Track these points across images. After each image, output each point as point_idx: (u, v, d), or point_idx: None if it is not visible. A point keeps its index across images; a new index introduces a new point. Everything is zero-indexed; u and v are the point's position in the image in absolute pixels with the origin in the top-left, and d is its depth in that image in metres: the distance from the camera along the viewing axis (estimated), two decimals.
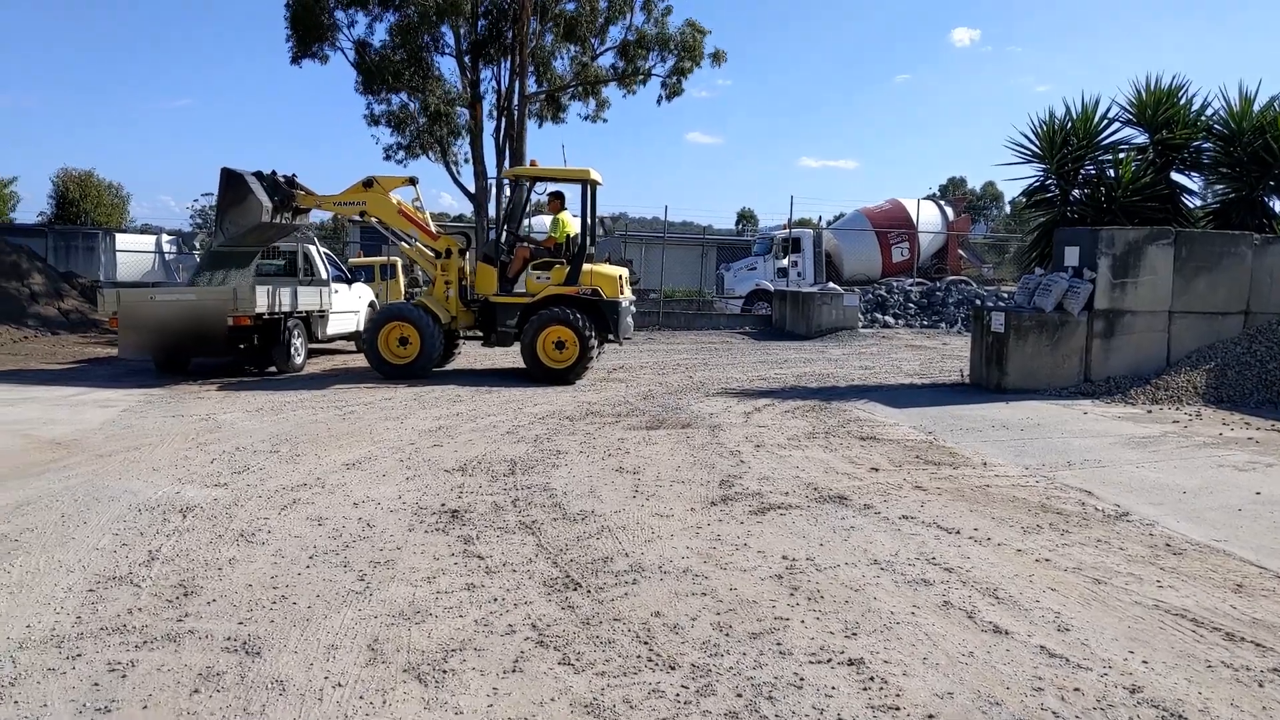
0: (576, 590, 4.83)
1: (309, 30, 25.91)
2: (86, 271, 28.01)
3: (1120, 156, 13.79)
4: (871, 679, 3.84)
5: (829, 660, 4.02)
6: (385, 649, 4.09)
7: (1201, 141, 13.80)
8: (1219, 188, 14.10)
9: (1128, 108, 13.95)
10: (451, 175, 29.47)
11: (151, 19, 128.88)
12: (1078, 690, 3.77)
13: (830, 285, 25.86)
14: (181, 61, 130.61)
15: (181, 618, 4.40)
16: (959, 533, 5.95)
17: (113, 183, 45.11)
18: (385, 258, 21.40)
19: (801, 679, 3.84)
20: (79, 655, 3.98)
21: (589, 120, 29.34)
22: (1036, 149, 14.26)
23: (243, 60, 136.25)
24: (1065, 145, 13.93)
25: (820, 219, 38.06)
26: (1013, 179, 79.29)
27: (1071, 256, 12.41)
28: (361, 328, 16.98)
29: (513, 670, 3.90)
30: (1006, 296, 22.22)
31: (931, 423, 10.02)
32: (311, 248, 17.13)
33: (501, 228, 14.78)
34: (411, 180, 14.41)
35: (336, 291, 16.36)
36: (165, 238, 34.69)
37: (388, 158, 28.64)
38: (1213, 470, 7.82)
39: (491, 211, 26.30)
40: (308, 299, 14.83)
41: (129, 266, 30.58)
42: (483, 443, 8.79)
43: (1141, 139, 14.02)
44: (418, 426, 9.62)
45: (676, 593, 4.81)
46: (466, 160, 28.68)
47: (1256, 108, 13.15)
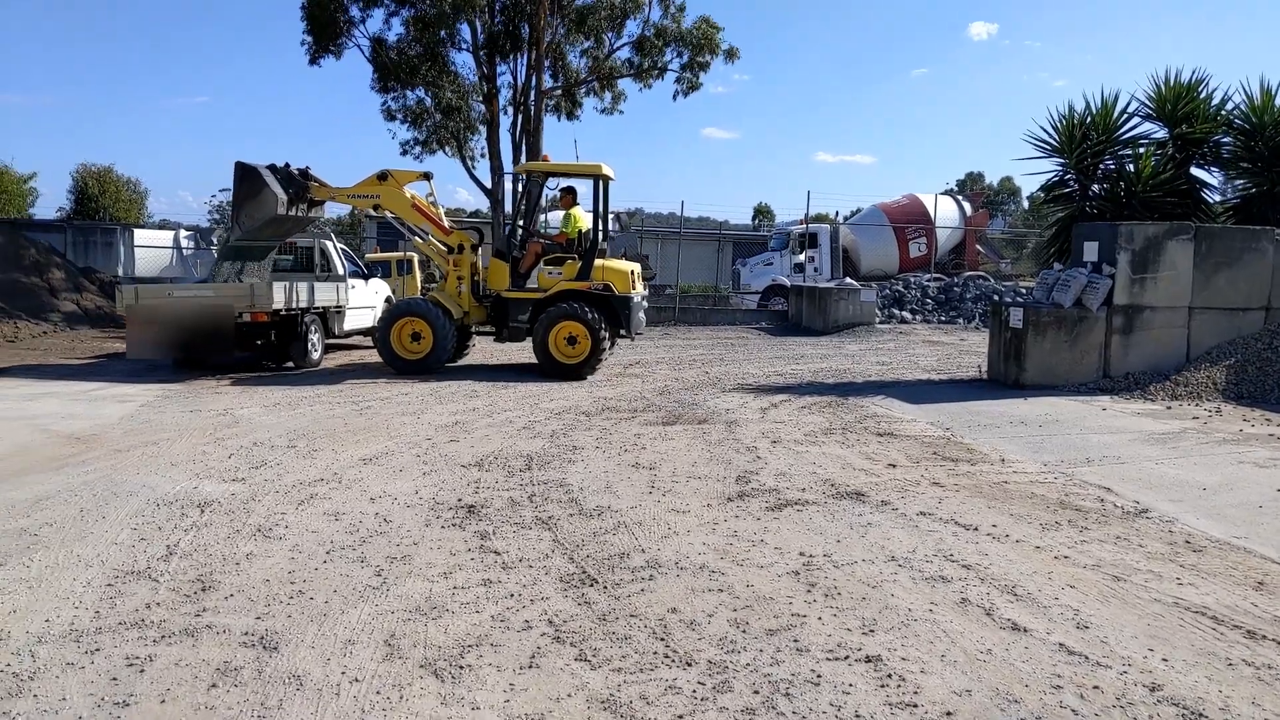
0: (593, 586, 4.82)
1: (325, 27, 26.00)
2: (105, 267, 28.18)
3: (1140, 151, 13.70)
4: (889, 676, 3.83)
5: (846, 657, 4.00)
6: (402, 644, 4.09)
7: (1222, 136, 13.70)
8: (1239, 182, 13.99)
9: (1147, 102, 13.86)
10: (468, 170, 29.59)
11: (169, 16, 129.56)
12: (1097, 688, 3.74)
13: (847, 281, 25.76)
14: (199, 58, 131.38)
15: (199, 612, 4.42)
16: (977, 529, 5.92)
17: (131, 178, 45.46)
18: (402, 253, 21.43)
19: (819, 676, 3.82)
20: (97, 649, 4.00)
21: (605, 113, 29.42)
22: (1055, 144, 14.18)
23: (259, 57, 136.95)
24: (1084, 140, 13.84)
25: (837, 214, 37.88)
26: (1031, 174, 78.89)
27: (1090, 252, 12.33)
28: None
29: (529, 666, 3.90)
30: (1025, 292, 22.08)
31: (949, 419, 9.98)
32: (329, 244, 17.18)
33: (514, 223, 14.80)
34: (426, 175, 14.43)
35: (353, 287, 16.41)
36: (183, 233, 34.89)
37: (404, 153, 28.78)
38: (1233, 467, 7.76)
39: (508, 207, 26.35)
40: (325, 295, 14.88)
41: (147, 262, 30.76)
42: (499, 438, 8.79)
43: (1161, 134, 13.92)
44: (434, 422, 9.63)
45: (693, 589, 4.80)
46: (483, 155, 28.77)
47: (1278, 102, 13.03)
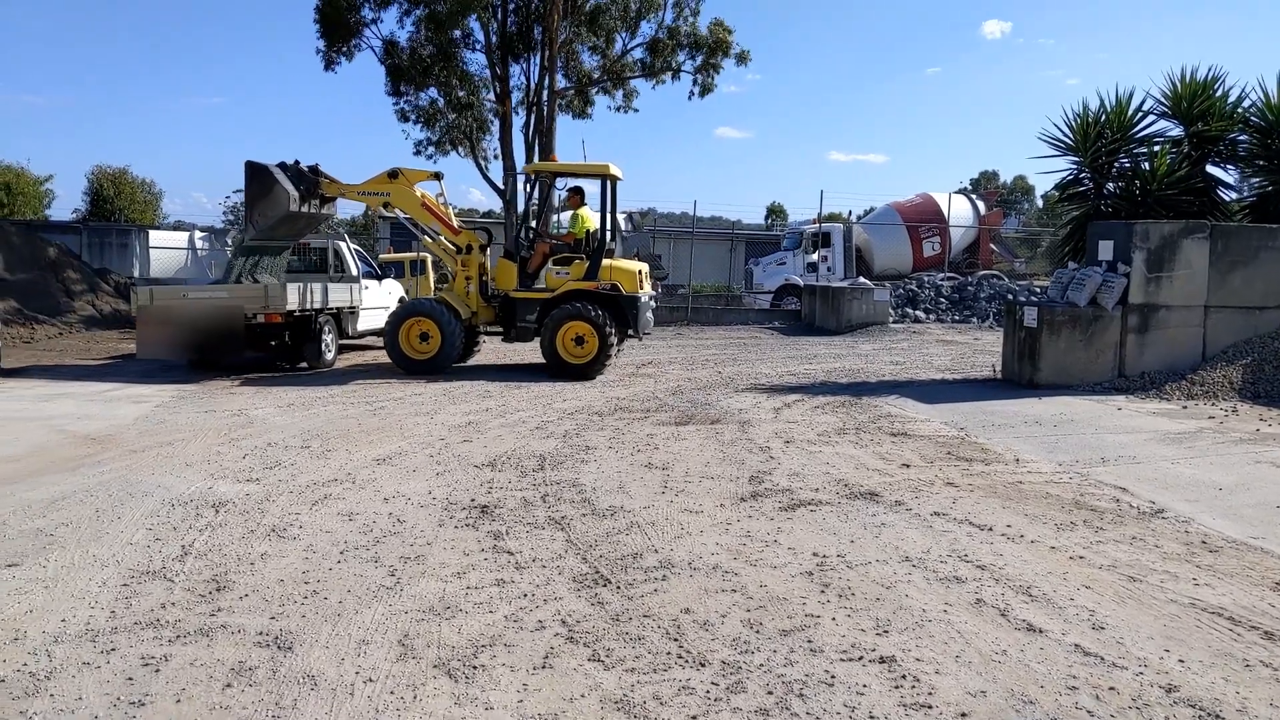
0: (606, 586, 4.82)
1: (337, 28, 26.10)
2: (120, 268, 28.29)
3: (1155, 149, 13.61)
4: (903, 677, 3.81)
5: (860, 658, 3.99)
6: (416, 644, 4.10)
7: (1238, 134, 13.60)
8: (1256, 180, 13.89)
9: (1162, 100, 13.76)
10: (481, 171, 29.64)
11: (184, 18, 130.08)
12: (1113, 689, 3.73)
13: (860, 280, 25.67)
14: (213, 60, 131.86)
15: (214, 612, 4.43)
16: (991, 530, 5.89)
17: (146, 180, 45.55)
18: (415, 254, 21.46)
19: (833, 677, 3.81)
20: (113, 649, 4.02)
21: (619, 111, 29.46)
22: (1070, 142, 14.10)
23: (273, 58, 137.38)
24: (1099, 138, 13.77)
25: (850, 213, 37.83)
26: (1046, 172, 78.36)
27: (1105, 250, 12.27)
28: None
29: (543, 666, 3.90)
30: (1039, 291, 21.99)
31: (963, 418, 9.95)
32: (342, 244, 17.24)
33: (522, 223, 14.81)
34: (437, 175, 14.47)
35: (367, 288, 16.45)
36: (198, 234, 35.00)
37: (418, 153, 28.90)
38: (1250, 466, 7.71)
39: (521, 207, 26.42)
40: (338, 295, 14.93)
41: (162, 263, 30.88)
42: (512, 438, 8.80)
43: (1176, 131, 13.83)
44: (447, 422, 9.65)
45: (706, 589, 4.80)
46: (496, 156, 28.83)
47: None
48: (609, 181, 14.02)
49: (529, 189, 15.47)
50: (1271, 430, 9.19)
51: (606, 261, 13.67)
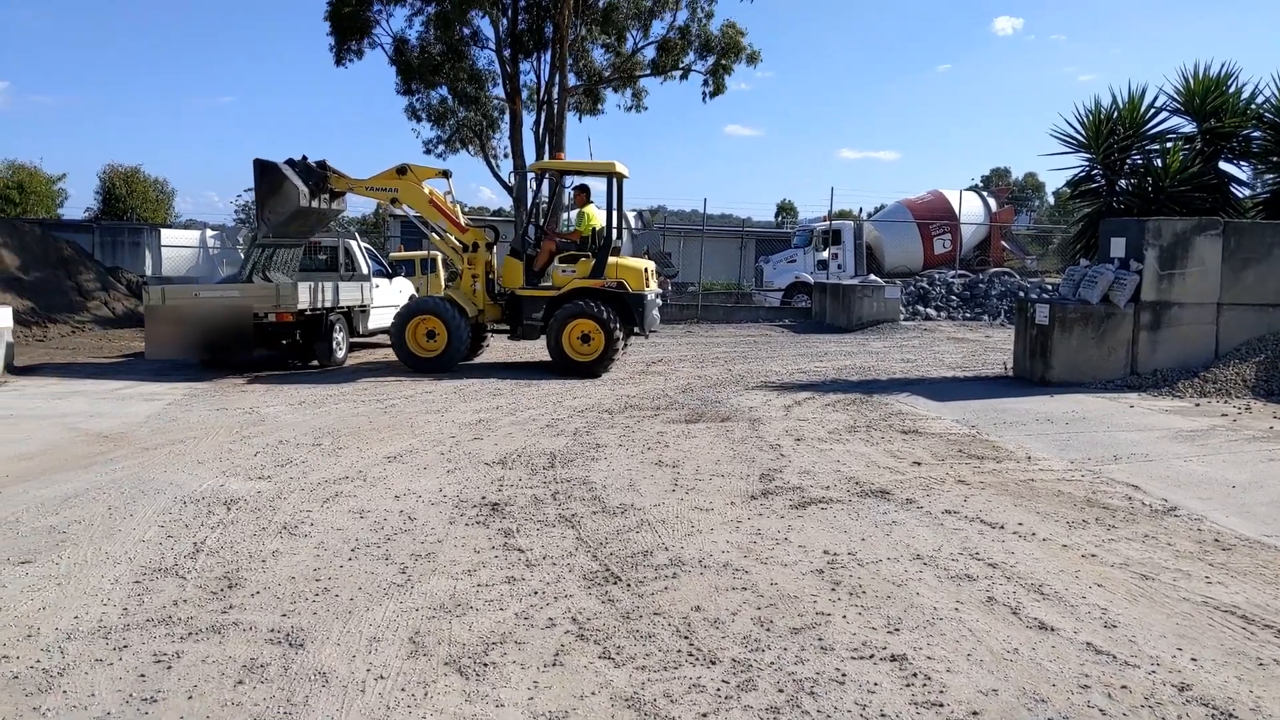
0: (616, 584, 4.82)
1: (348, 27, 26.13)
2: (132, 267, 28.43)
3: (1168, 146, 13.56)
4: (914, 675, 3.81)
5: (871, 656, 3.99)
6: (426, 641, 4.11)
7: (1251, 130, 13.53)
8: (1269, 177, 13.84)
9: (1175, 96, 13.71)
10: (491, 169, 29.69)
11: (194, 17, 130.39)
12: (1125, 688, 3.71)
13: (871, 277, 25.65)
14: (222, 59, 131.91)
15: (226, 609, 4.45)
16: (1003, 528, 5.88)
17: (158, 178, 45.73)
18: (426, 252, 21.51)
19: (843, 675, 3.81)
20: (125, 646, 4.03)
21: (630, 110, 29.46)
22: (1082, 139, 14.04)
23: (283, 57, 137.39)
24: (1111, 135, 13.71)
25: (861, 211, 37.72)
26: (1057, 169, 77.99)
27: (1118, 247, 12.22)
28: None
29: (553, 664, 3.91)
30: (1051, 288, 21.92)
31: (974, 416, 9.92)
32: (353, 243, 17.28)
33: (527, 221, 14.82)
34: (445, 173, 14.50)
35: (377, 286, 16.49)
36: (209, 233, 35.13)
37: (428, 151, 28.95)
38: (1263, 464, 7.67)
39: (528, 205, 26.46)
40: (349, 294, 14.97)
41: (174, 262, 31.01)
42: (522, 436, 8.81)
43: (1189, 128, 13.78)
44: (458, 420, 9.66)
45: (717, 587, 4.79)
46: (506, 154, 28.86)
47: None
48: (615, 179, 14.03)
49: (535, 187, 15.53)
50: None
51: (612, 259, 13.69)
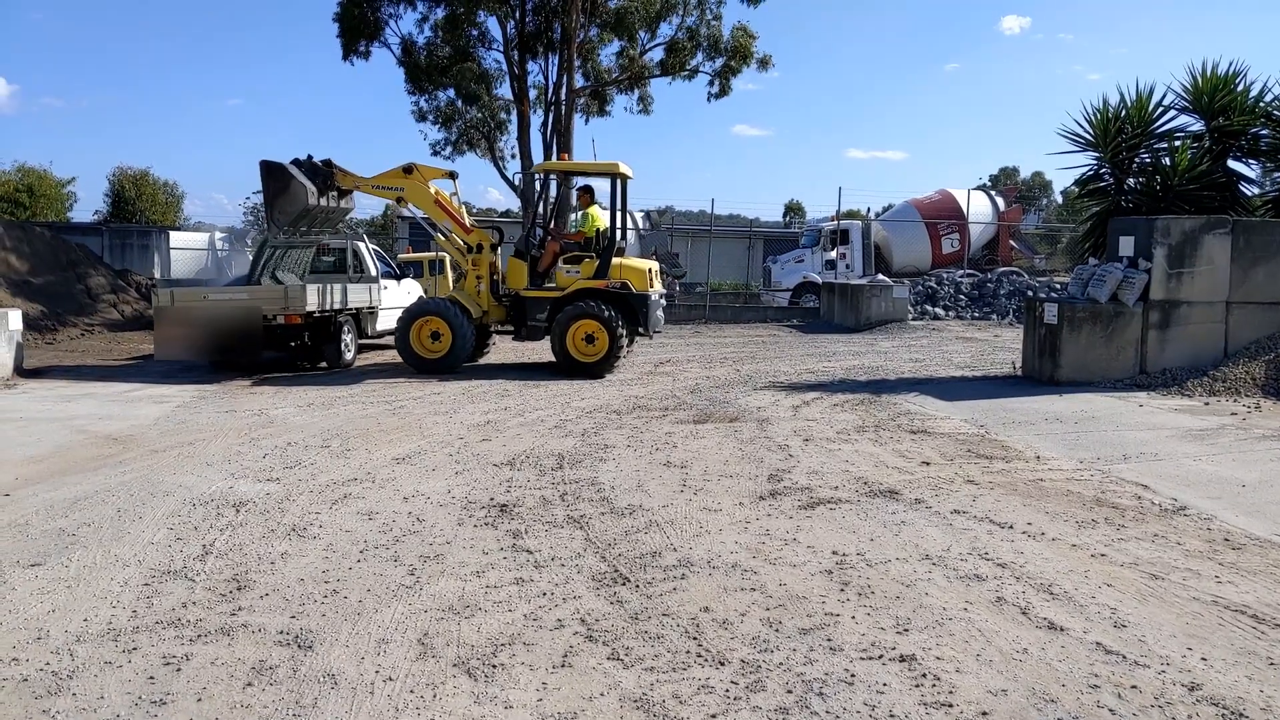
0: (625, 585, 4.82)
1: (356, 28, 26.17)
2: (142, 269, 28.51)
3: (1176, 144, 13.52)
4: (924, 676, 3.80)
5: (880, 657, 3.98)
6: (435, 643, 4.11)
7: (1260, 128, 13.48)
8: (1278, 175, 13.78)
9: (1183, 95, 13.67)
10: (499, 170, 29.75)
11: (201, 20, 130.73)
12: (1135, 688, 3.70)
13: (879, 277, 25.62)
14: (231, 62, 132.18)
15: (235, 611, 4.46)
16: (1012, 527, 5.86)
17: (168, 181, 45.79)
18: (434, 253, 21.52)
19: (853, 675, 3.80)
20: (135, 649, 4.04)
21: (637, 113, 29.45)
22: (1090, 137, 14.02)
23: (290, 60, 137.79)
24: (1120, 133, 13.67)
25: (869, 210, 37.72)
26: (1065, 168, 77.84)
27: (1126, 246, 12.19)
28: None
29: (562, 665, 3.91)
30: (1059, 287, 21.86)
31: (983, 416, 9.90)
32: (361, 245, 17.31)
33: (532, 222, 14.85)
34: (451, 174, 14.53)
35: (386, 288, 16.51)
36: (218, 235, 35.20)
37: (435, 153, 29.01)
38: (1273, 463, 7.64)
39: (542, 207, 26.47)
40: (357, 296, 15.00)
41: (183, 264, 31.08)
42: (530, 437, 8.81)
43: (1198, 126, 13.73)
44: (466, 421, 9.67)
45: (725, 588, 4.79)
46: (513, 155, 28.88)
47: None
48: (619, 180, 14.05)
49: (539, 188, 15.57)
50: None
51: (616, 260, 13.71)
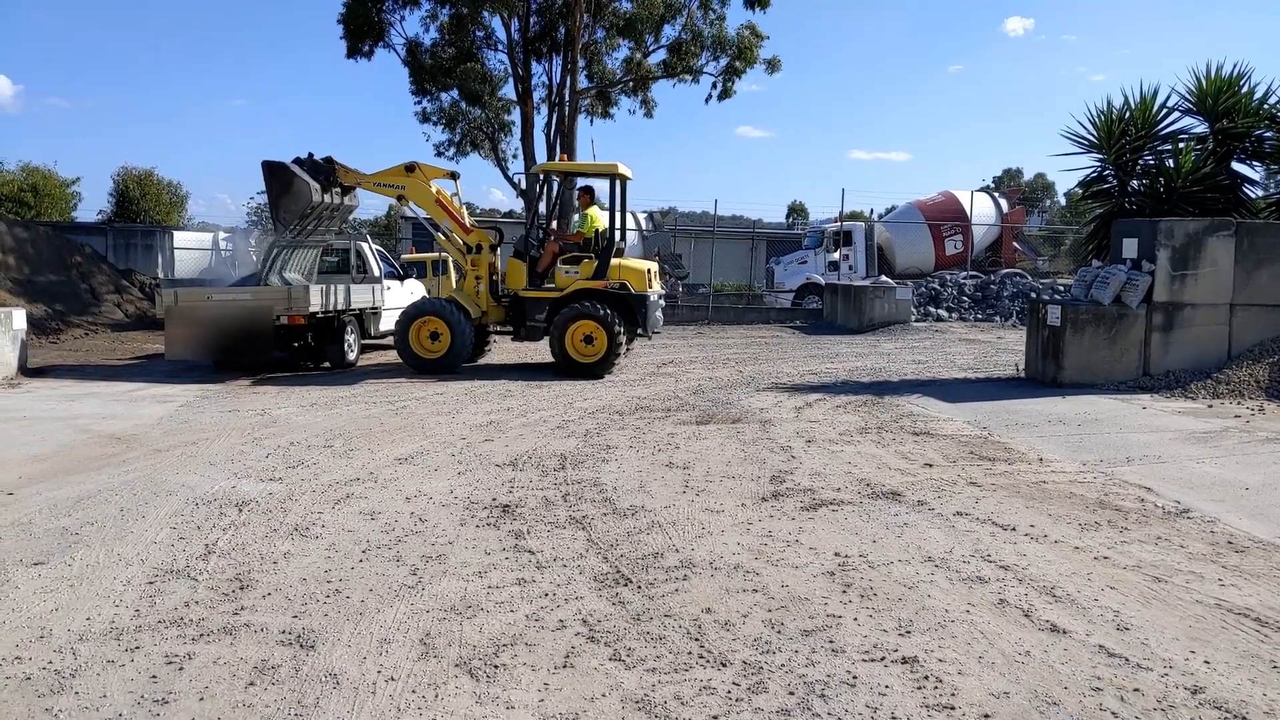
0: (627, 586, 4.82)
1: (361, 29, 26.19)
2: (146, 269, 28.55)
3: (1180, 146, 13.50)
4: (926, 678, 3.80)
5: (882, 658, 3.98)
6: (437, 643, 4.11)
7: (1264, 130, 13.46)
8: None
9: (1187, 96, 13.65)
10: (502, 171, 29.73)
11: (205, 20, 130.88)
12: (1138, 691, 3.69)
13: (882, 278, 25.62)
14: (235, 62, 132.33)
15: (237, 611, 4.46)
16: (1015, 530, 5.86)
17: (172, 181, 45.79)
18: (437, 254, 21.52)
19: (855, 677, 3.80)
20: (137, 647, 4.05)
21: (641, 116, 29.42)
22: (1094, 139, 14.00)
23: (295, 61, 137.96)
24: (1123, 135, 13.66)
25: (872, 212, 37.75)
26: (1069, 170, 77.64)
27: (1130, 248, 12.18)
28: None
29: (564, 666, 3.91)
30: (1062, 289, 21.85)
31: (986, 417, 9.89)
32: (364, 245, 17.32)
33: (531, 223, 14.89)
34: (453, 175, 14.56)
35: (389, 288, 16.53)
36: (222, 235, 35.21)
37: (439, 154, 29.00)
38: (1276, 466, 7.63)
39: (542, 208, 26.47)
40: (361, 296, 15.02)
41: (187, 264, 31.09)
42: (533, 437, 8.82)
43: (1201, 128, 13.71)
44: (469, 421, 9.67)
45: (727, 589, 4.79)
46: (516, 156, 28.88)
47: None
48: (618, 181, 14.06)
49: (539, 189, 15.62)
50: None
51: (615, 261, 13.74)
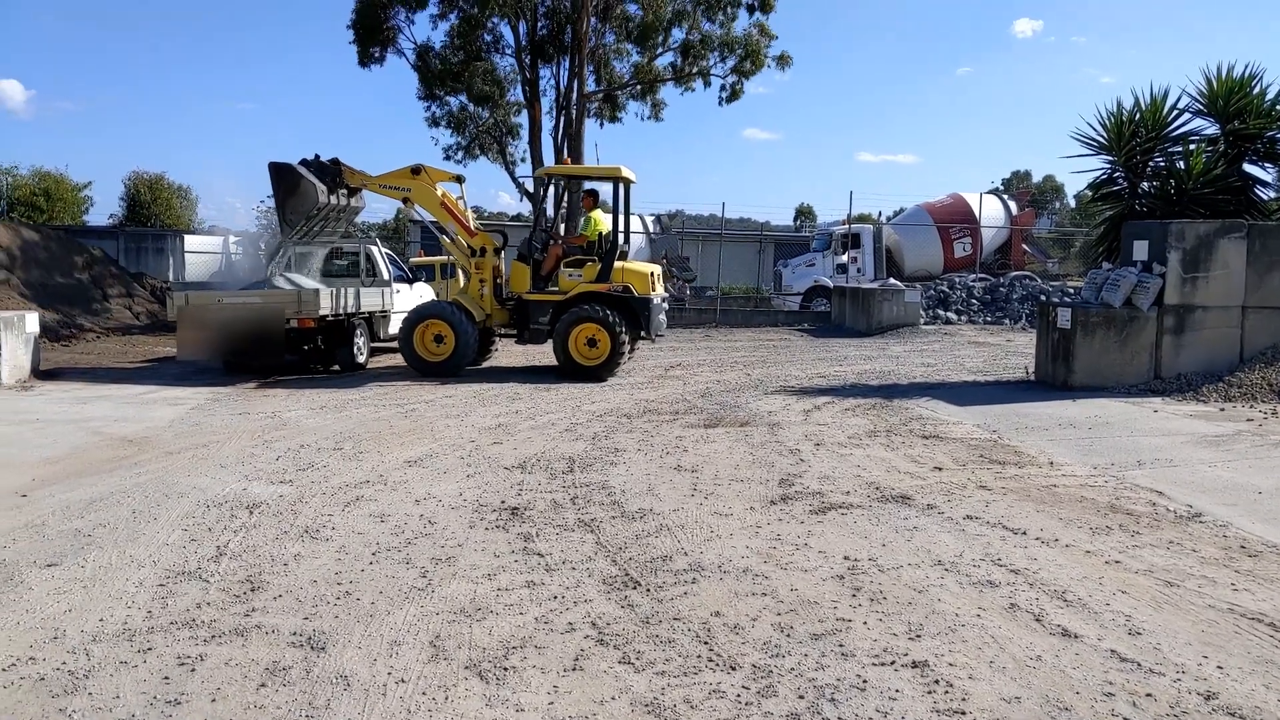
0: (636, 589, 4.82)
1: (372, 34, 26.25)
2: (156, 272, 28.64)
3: (1190, 148, 13.46)
4: (936, 682, 3.79)
5: (892, 663, 3.97)
6: (447, 645, 4.12)
7: (1275, 132, 13.39)
8: None
9: (1198, 98, 13.59)
10: (510, 175, 29.73)
11: (211, 24, 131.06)
12: (1150, 696, 3.68)
13: (891, 281, 25.55)
14: (244, 66, 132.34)
15: (249, 613, 4.47)
16: (1025, 533, 5.84)
17: (182, 185, 45.93)
18: (445, 257, 21.56)
19: (864, 681, 3.79)
20: (150, 649, 4.06)
21: (649, 120, 29.39)
22: (1104, 141, 13.96)
23: (303, 64, 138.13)
24: (1134, 137, 13.62)
25: (880, 214, 37.63)
26: (1079, 172, 77.48)
27: (1140, 251, 12.14)
28: None
29: (573, 668, 3.91)
30: (1073, 292, 21.78)
31: (996, 421, 9.87)
32: (374, 248, 17.36)
33: (535, 225, 14.92)
34: (459, 178, 14.60)
35: (398, 291, 16.55)
36: (232, 238, 35.31)
37: (447, 158, 29.02)
38: None
39: (549, 210, 26.51)
40: (370, 299, 15.05)
41: (197, 267, 31.20)
42: (542, 440, 8.82)
43: (1212, 130, 13.66)
44: (478, 424, 9.68)
45: (736, 592, 4.78)
46: (524, 159, 28.90)
47: None
48: (621, 184, 14.07)
49: (543, 192, 15.65)
50: None
51: (619, 263, 13.74)
